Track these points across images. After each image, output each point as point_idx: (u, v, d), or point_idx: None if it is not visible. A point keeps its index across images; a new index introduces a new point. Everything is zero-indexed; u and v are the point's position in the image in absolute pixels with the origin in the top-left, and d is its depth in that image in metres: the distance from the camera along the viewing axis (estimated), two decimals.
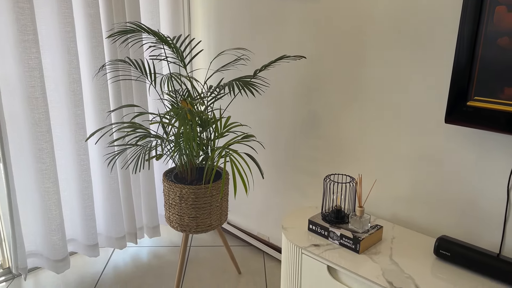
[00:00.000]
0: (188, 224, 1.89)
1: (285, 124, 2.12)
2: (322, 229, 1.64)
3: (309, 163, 2.06)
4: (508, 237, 1.48)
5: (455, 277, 1.40)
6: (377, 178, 1.81)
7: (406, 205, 1.75)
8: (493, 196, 1.49)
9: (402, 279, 1.38)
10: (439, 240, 1.49)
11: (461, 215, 1.59)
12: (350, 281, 1.47)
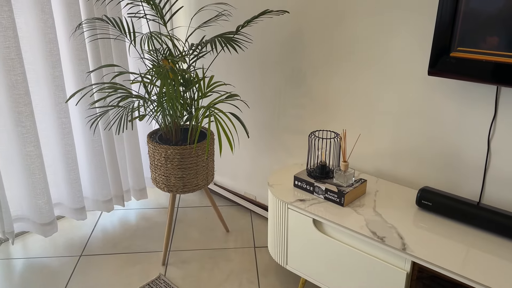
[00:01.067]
0: (174, 184, 1.89)
1: (269, 83, 2.10)
2: (308, 185, 1.66)
3: (294, 121, 2.06)
4: (487, 186, 1.52)
5: (437, 225, 1.44)
6: (361, 133, 1.82)
7: (390, 159, 1.77)
8: (474, 147, 1.52)
9: (385, 229, 1.41)
10: (421, 191, 1.52)
11: (443, 167, 1.62)
12: (336, 233, 1.51)
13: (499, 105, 1.42)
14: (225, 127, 2.04)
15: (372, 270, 1.42)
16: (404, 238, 1.36)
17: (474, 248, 1.31)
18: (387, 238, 1.36)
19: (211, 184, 2.59)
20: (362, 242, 1.43)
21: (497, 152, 1.47)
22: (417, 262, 1.29)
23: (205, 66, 2.36)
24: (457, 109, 1.52)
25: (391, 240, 1.35)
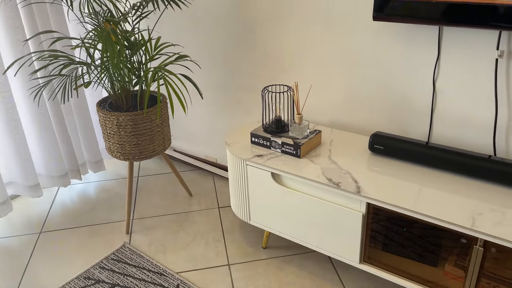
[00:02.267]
0: (130, 152, 1.85)
1: (219, 41, 2.05)
2: (264, 140, 1.67)
3: (248, 79, 2.04)
4: (435, 126, 1.58)
5: (389, 167, 1.49)
6: (313, 85, 1.83)
7: (342, 109, 1.80)
8: (421, 89, 1.56)
9: (340, 175, 1.45)
10: (373, 136, 1.56)
11: (393, 112, 1.67)
12: (294, 184, 1.54)
13: (441, 46, 1.46)
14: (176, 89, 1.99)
15: (330, 215, 1.46)
16: (359, 182, 1.41)
17: (425, 186, 1.37)
18: (342, 183, 1.40)
19: (170, 151, 2.56)
20: (320, 190, 1.47)
21: (442, 92, 1.52)
22: (371, 203, 1.35)
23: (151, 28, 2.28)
24: (403, 53, 1.55)
25: (346, 184, 1.40)
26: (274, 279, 1.64)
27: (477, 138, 1.50)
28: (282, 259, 1.74)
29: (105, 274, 1.70)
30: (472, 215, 1.21)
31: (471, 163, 1.39)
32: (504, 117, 1.42)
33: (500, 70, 1.37)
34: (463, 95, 1.48)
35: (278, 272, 1.67)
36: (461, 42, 1.41)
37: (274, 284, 1.62)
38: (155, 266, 1.73)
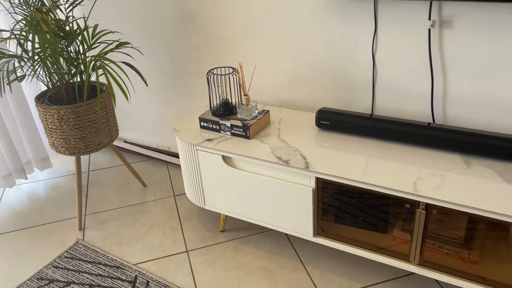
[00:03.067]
0: (75, 146, 1.78)
1: (162, 26, 1.99)
2: (213, 124, 1.65)
3: (194, 63, 2.01)
4: (377, 98, 1.63)
5: (337, 142, 1.53)
6: (258, 65, 1.83)
7: (289, 87, 1.81)
8: (361, 63, 1.60)
9: (289, 153, 1.47)
10: (319, 112, 1.59)
11: (337, 87, 1.70)
12: (246, 165, 1.54)
13: (378, 19, 1.49)
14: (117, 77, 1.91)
15: (282, 192, 1.48)
16: (307, 158, 1.43)
17: (371, 157, 1.42)
18: (292, 161, 1.42)
19: (121, 143, 2.49)
20: (271, 169, 1.49)
21: (381, 65, 1.56)
22: (320, 177, 1.38)
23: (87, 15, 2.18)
24: (343, 29, 1.57)
25: (295, 161, 1.42)
26: (233, 261, 1.65)
27: (417, 107, 1.56)
28: (240, 241, 1.76)
29: (59, 273, 1.65)
30: (414, 180, 1.27)
31: (412, 132, 1.44)
32: (440, 85, 1.48)
33: (433, 39, 1.42)
34: (401, 66, 1.52)
35: (237, 254, 1.69)
36: (395, 14, 1.45)
37: (233, 266, 1.63)
38: (111, 260, 1.70)
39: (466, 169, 1.30)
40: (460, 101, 1.47)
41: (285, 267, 1.61)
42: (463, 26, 1.35)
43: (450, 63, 1.43)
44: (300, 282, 1.53)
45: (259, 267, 1.61)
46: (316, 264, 1.61)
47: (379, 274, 1.54)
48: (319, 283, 1.52)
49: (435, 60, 1.45)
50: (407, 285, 1.48)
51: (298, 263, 1.62)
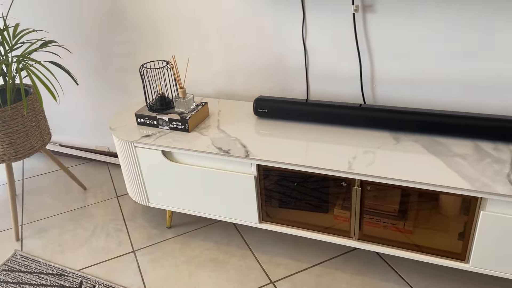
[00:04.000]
0: (4, 153, 1.68)
1: (88, 21, 1.92)
2: (150, 119, 1.63)
3: (127, 59, 1.95)
4: (311, 83, 1.68)
5: (276, 129, 1.56)
6: (193, 57, 1.82)
7: (226, 78, 1.82)
8: (293, 50, 1.64)
9: (229, 143, 1.48)
10: (256, 101, 1.61)
11: (272, 75, 1.73)
12: (187, 158, 1.53)
13: (305, 6, 1.53)
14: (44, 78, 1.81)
15: (226, 182, 1.49)
16: (247, 146, 1.45)
17: (308, 141, 1.46)
18: (232, 150, 1.43)
19: (56, 147, 2.38)
20: (212, 160, 1.49)
21: (312, 50, 1.61)
22: (261, 164, 1.40)
23: (5, 14, 2.05)
24: (273, 17, 1.60)
25: (235, 151, 1.43)
26: (181, 256, 1.64)
27: (349, 90, 1.63)
28: (188, 235, 1.75)
29: None
30: (348, 159, 1.32)
31: (346, 114, 1.50)
32: (367, 67, 1.55)
33: (358, 23, 1.48)
34: (331, 51, 1.58)
35: (185, 248, 1.68)
36: (321, 1, 1.49)
37: (182, 260, 1.62)
38: (54, 268, 1.63)
39: (395, 145, 1.38)
40: (386, 81, 1.55)
41: (234, 255, 1.62)
42: (384, 9, 1.42)
43: (375, 46, 1.50)
44: (249, 268, 1.56)
45: (208, 259, 1.62)
46: (265, 250, 1.64)
47: (324, 252, 1.60)
48: (268, 267, 1.55)
49: (361, 44, 1.52)
50: (351, 260, 1.55)
51: (247, 251, 1.64)
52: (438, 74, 1.47)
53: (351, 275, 1.49)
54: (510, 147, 1.31)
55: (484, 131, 1.33)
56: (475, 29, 1.35)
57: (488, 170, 1.21)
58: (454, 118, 1.36)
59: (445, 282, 1.43)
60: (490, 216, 1.17)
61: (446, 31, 1.39)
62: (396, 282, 1.45)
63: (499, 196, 1.12)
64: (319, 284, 1.47)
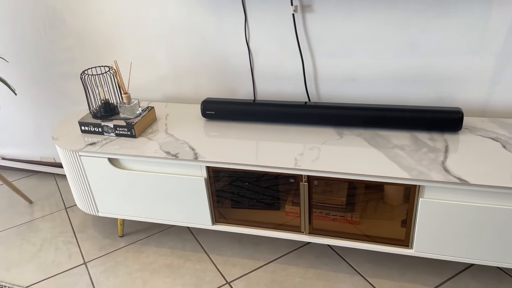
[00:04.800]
0: None
1: (24, 28, 1.84)
2: (95, 127, 1.58)
3: (68, 66, 1.89)
4: (257, 84, 1.70)
5: (223, 130, 1.56)
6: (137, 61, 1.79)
7: (172, 82, 1.81)
8: (238, 51, 1.65)
9: (177, 146, 1.47)
10: (203, 103, 1.61)
11: (219, 76, 1.73)
12: (135, 164, 1.51)
13: (246, 8, 1.55)
14: None
15: (176, 186, 1.48)
16: (196, 149, 1.45)
17: (258, 140, 1.47)
18: (180, 153, 1.43)
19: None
20: (161, 165, 1.47)
21: (256, 51, 1.63)
22: (210, 165, 1.40)
23: None
24: (216, 19, 1.61)
25: (184, 154, 1.42)
26: (135, 264, 1.61)
27: (293, 88, 1.66)
28: (141, 242, 1.72)
29: None
30: (295, 156, 1.35)
31: (292, 112, 1.53)
32: (310, 65, 1.59)
33: (298, 23, 1.52)
34: (274, 51, 1.61)
35: (139, 256, 1.65)
36: (262, 2, 1.52)
37: (136, 268, 1.59)
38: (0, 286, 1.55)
39: (339, 140, 1.42)
40: (328, 78, 1.60)
41: (189, 259, 1.61)
42: (322, 10, 1.47)
43: (316, 45, 1.54)
44: (205, 271, 1.55)
45: (163, 265, 1.60)
46: (220, 251, 1.64)
47: (279, 249, 1.63)
48: (224, 268, 1.56)
49: (302, 43, 1.55)
50: (304, 255, 1.59)
51: (202, 254, 1.64)
52: (375, 71, 1.53)
53: (304, 268, 1.52)
54: (444, 136, 1.39)
55: (420, 122, 1.40)
56: (406, 28, 1.42)
57: (425, 159, 1.28)
58: (392, 111, 1.42)
59: (392, 268, 1.49)
60: (428, 202, 1.24)
61: (380, 30, 1.45)
62: (347, 272, 1.50)
63: (435, 183, 1.19)
64: (274, 280, 1.49)
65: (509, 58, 1.39)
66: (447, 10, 1.36)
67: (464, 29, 1.38)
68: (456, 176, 1.18)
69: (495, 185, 1.14)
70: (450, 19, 1.38)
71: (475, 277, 1.43)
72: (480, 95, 1.47)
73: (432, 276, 1.45)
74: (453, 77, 1.47)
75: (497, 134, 1.37)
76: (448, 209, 1.23)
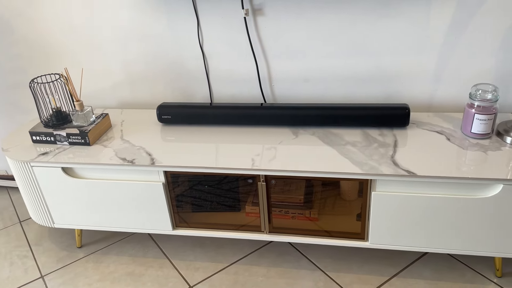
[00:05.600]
0: None
1: None
2: (47, 136, 1.54)
3: (17, 75, 1.83)
4: (214, 87, 1.71)
5: (180, 134, 1.56)
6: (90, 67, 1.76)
7: (127, 88, 1.78)
8: (193, 55, 1.66)
9: (134, 152, 1.46)
10: (159, 108, 1.60)
11: (175, 81, 1.73)
12: (91, 172, 1.48)
13: (198, 12, 1.56)
14: None
15: (134, 192, 1.46)
16: (152, 154, 1.44)
17: (215, 143, 1.48)
18: (137, 159, 1.41)
19: None
20: (117, 172, 1.45)
21: (210, 55, 1.64)
22: (167, 170, 1.40)
23: None
24: (168, 23, 1.60)
25: (140, 160, 1.41)
26: (95, 274, 1.58)
27: (249, 90, 1.69)
28: (101, 252, 1.68)
29: None
30: (252, 157, 1.37)
31: (248, 114, 1.55)
32: (264, 68, 1.62)
33: (250, 27, 1.54)
34: (229, 54, 1.62)
35: (98, 266, 1.62)
36: (213, 6, 1.53)
37: (96, 279, 1.56)
38: None
39: (294, 139, 1.46)
40: (282, 80, 1.63)
41: (151, 266, 1.60)
42: (272, 12, 1.50)
43: (269, 47, 1.57)
44: (167, 277, 1.54)
45: (124, 273, 1.57)
46: (182, 256, 1.63)
47: (241, 250, 1.64)
48: (186, 273, 1.55)
49: (255, 45, 1.58)
50: (266, 254, 1.61)
51: (164, 260, 1.62)
52: (327, 71, 1.58)
53: (266, 267, 1.54)
54: (393, 132, 1.45)
55: (370, 119, 1.45)
56: (353, 29, 1.48)
57: (375, 154, 1.33)
58: (344, 110, 1.47)
59: (351, 261, 1.54)
60: (380, 195, 1.29)
61: (329, 31, 1.50)
62: (308, 268, 1.53)
63: (385, 176, 1.24)
64: (236, 281, 1.50)
65: (449, 55, 1.47)
66: (391, 11, 1.43)
67: (407, 29, 1.45)
68: (405, 169, 1.24)
69: (440, 176, 1.20)
70: (394, 20, 1.44)
71: (428, 265, 1.49)
72: (425, 91, 1.55)
73: (388, 267, 1.50)
74: (400, 75, 1.54)
75: (441, 128, 1.45)
76: (399, 200, 1.28)
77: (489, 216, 1.25)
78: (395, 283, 1.44)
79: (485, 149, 1.31)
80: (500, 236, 1.28)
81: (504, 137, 1.35)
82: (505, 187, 1.19)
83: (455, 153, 1.30)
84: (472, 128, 1.36)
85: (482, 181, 1.20)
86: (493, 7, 1.36)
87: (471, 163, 1.25)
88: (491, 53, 1.44)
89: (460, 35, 1.43)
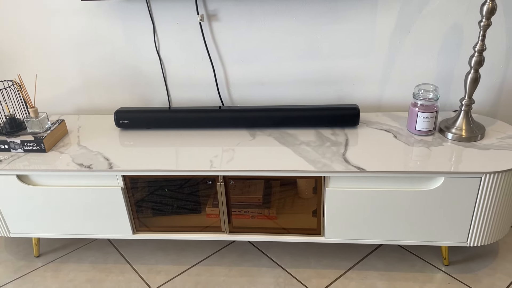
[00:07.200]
0: None
1: None
2: (1, 143, 1.51)
3: None
4: (172, 91, 1.73)
5: (139, 138, 1.57)
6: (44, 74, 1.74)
7: (84, 93, 1.77)
8: (149, 60, 1.67)
9: (91, 157, 1.45)
10: (116, 113, 1.60)
11: (132, 86, 1.74)
12: (47, 179, 1.46)
13: (154, 18, 1.58)
14: None
15: (92, 198, 1.46)
16: (110, 159, 1.44)
17: (173, 146, 1.50)
18: (94, 165, 1.41)
19: None
20: (75, 177, 1.44)
21: (167, 60, 1.66)
22: (125, 174, 1.41)
23: None
24: (124, 29, 1.61)
25: (98, 165, 1.41)
26: (54, 283, 1.55)
27: (207, 94, 1.72)
28: (60, 260, 1.66)
29: None
30: (210, 159, 1.41)
31: (206, 117, 1.58)
32: (221, 72, 1.66)
33: (205, 32, 1.58)
34: (185, 59, 1.65)
35: (57, 275, 1.59)
36: (169, 12, 1.56)
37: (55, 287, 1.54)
38: None
39: (251, 141, 1.50)
40: (239, 83, 1.68)
41: (111, 272, 1.59)
42: (227, 18, 1.54)
43: (225, 52, 1.62)
44: (128, 282, 1.54)
45: (84, 281, 1.56)
46: (143, 260, 1.64)
47: (203, 252, 1.66)
48: (148, 277, 1.56)
49: (212, 50, 1.62)
50: (227, 254, 1.64)
51: (125, 265, 1.62)
52: (281, 74, 1.64)
53: (228, 267, 1.57)
54: (344, 131, 1.52)
55: (323, 120, 1.52)
56: (304, 34, 1.54)
57: (328, 152, 1.39)
58: (298, 111, 1.53)
59: (310, 257, 1.60)
60: (333, 191, 1.35)
61: (282, 36, 1.56)
62: (268, 265, 1.57)
63: (337, 173, 1.31)
64: (198, 282, 1.52)
65: (394, 58, 1.56)
66: (339, 17, 1.51)
67: (355, 34, 1.53)
68: (355, 166, 1.31)
69: (388, 171, 1.28)
70: (343, 26, 1.52)
71: (381, 257, 1.57)
72: (374, 92, 1.64)
73: (344, 260, 1.57)
74: (350, 77, 1.62)
75: (389, 126, 1.54)
76: (351, 195, 1.35)
77: (434, 207, 1.34)
78: (350, 276, 1.50)
79: (428, 145, 1.41)
80: (444, 226, 1.38)
81: (445, 134, 1.45)
82: (447, 179, 1.28)
83: (402, 150, 1.39)
84: (416, 126, 1.45)
85: (426, 175, 1.29)
86: (432, 14, 1.47)
87: (416, 158, 1.34)
88: (432, 55, 1.54)
89: (403, 39, 1.53)
